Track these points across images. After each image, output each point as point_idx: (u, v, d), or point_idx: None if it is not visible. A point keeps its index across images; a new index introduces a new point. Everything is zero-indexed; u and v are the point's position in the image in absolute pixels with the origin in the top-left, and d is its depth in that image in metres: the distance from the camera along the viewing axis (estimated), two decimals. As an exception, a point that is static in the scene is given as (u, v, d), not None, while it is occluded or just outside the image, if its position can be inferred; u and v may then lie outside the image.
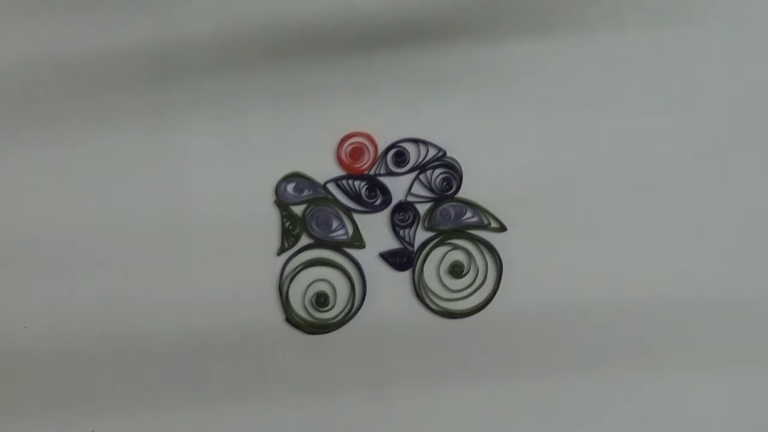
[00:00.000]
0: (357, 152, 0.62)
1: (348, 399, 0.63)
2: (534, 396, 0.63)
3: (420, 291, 0.62)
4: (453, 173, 0.62)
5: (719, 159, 0.62)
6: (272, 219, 0.62)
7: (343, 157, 0.62)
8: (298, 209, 0.62)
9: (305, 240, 0.63)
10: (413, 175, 0.62)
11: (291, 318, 0.62)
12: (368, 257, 0.63)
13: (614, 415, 0.64)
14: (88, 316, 0.62)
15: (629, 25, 0.61)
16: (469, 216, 0.62)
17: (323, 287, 0.63)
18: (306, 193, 0.62)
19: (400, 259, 0.63)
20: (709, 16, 0.61)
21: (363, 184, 0.62)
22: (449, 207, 0.62)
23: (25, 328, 0.63)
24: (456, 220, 0.63)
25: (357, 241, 0.62)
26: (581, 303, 0.62)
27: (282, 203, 0.62)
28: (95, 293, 0.62)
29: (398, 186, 0.63)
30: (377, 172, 0.62)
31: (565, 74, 0.61)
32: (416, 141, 0.62)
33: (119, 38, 0.61)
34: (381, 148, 0.62)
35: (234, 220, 0.62)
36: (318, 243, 0.63)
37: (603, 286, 0.62)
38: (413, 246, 0.63)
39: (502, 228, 0.62)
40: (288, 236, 0.62)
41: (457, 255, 0.63)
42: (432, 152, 0.62)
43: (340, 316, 0.63)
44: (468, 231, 0.63)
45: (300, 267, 0.63)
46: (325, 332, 0.63)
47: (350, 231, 0.63)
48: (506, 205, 0.62)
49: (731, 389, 0.63)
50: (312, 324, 0.63)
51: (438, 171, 0.62)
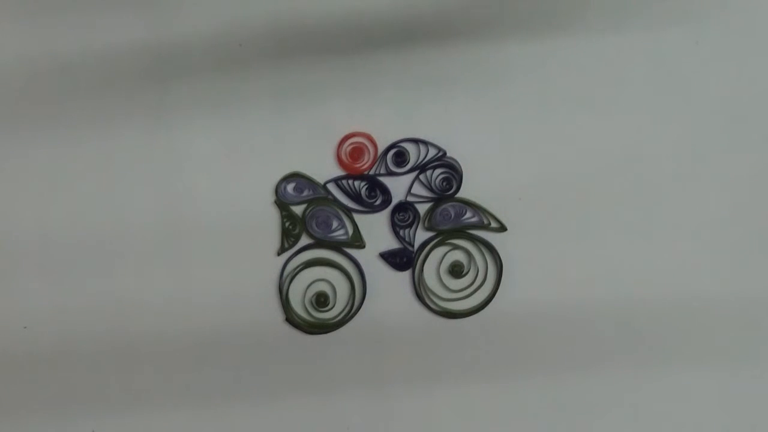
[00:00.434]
0: (357, 152, 0.62)
1: (348, 399, 0.63)
2: (534, 396, 0.63)
3: (420, 291, 0.62)
4: (453, 173, 0.62)
5: (719, 159, 0.62)
6: (272, 219, 0.62)
7: (343, 157, 0.62)
8: (298, 209, 0.62)
9: (305, 240, 0.63)
10: (413, 175, 0.62)
11: (291, 318, 0.62)
12: (368, 257, 0.63)
13: (614, 415, 0.64)
14: (88, 316, 0.62)
15: (629, 26, 0.61)
16: (469, 216, 0.62)
17: (323, 287, 0.63)
18: (306, 193, 0.62)
19: (400, 259, 0.63)
20: (709, 17, 0.61)
21: (363, 184, 0.62)
22: (449, 207, 0.62)
23: (25, 328, 0.63)
24: (456, 220, 0.63)
25: (357, 241, 0.62)
26: (581, 303, 0.62)
27: (282, 203, 0.62)
28: (95, 293, 0.62)
29: (398, 186, 0.63)
30: (377, 172, 0.62)
31: (565, 74, 0.61)
32: (416, 141, 0.62)
33: (119, 38, 0.61)
34: (381, 148, 0.62)
35: (234, 220, 0.62)
36: (318, 243, 0.63)
37: (603, 286, 0.62)
38: (413, 246, 0.63)
39: (502, 228, 0.62)
40: (288, 236, 0.62)
41: (457, 255, 0.63)
42: (432, 152, 0.62)
43: (340, 316, 0.63)
44: (468, 231, 0.63)
45: (300, 267, 0.63)
46: (325, 332, 0.63)
47: (350, 231, 0.63)
48: (506, 205, 0.62)
49: (731, 389, 0.63)
50: (312, 324, 0.63)
51: (438, 171, 0.62)
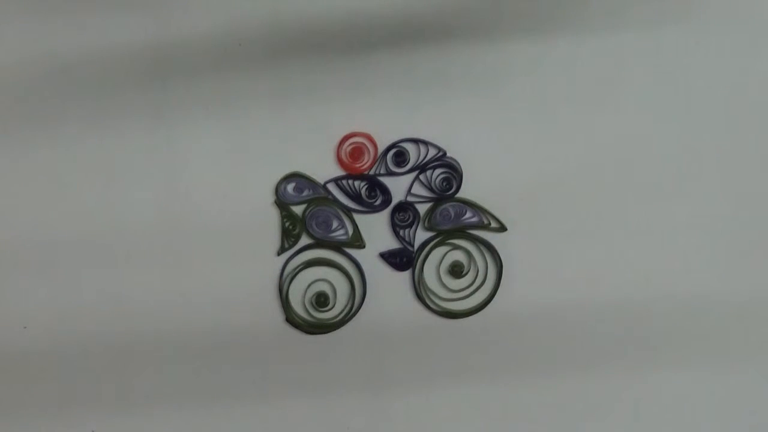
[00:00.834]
0: (357, 152, 0.62)
1: (348, 399, 0.63)
2: (534, 396, 0.63)
3: (420, 291, 0.62)
4: (453, 173, 0.62)
5: (719, 159, 0.62)
6: (272, 219, 0.62)
7: (343, 157, 0.62)
8: (298, 209, 0.62)
9: (305, 240, 0.63)
10: (413, 175, 0.62)
11: (291, 318, 0.62)
12: (368, 257, 0.63)
13: (614, 415, 0.63)
14: (88, 316, 0.62)
15: (629, 25, 0.61)
16: (469, 216, 0.62)
17: (323, 287, 0.63)
18: (306, 193, 0.62)
19: (400, 259, 0.63)
20: (709, 16, 0.61)
21: (363, 184, 0.62)
22: (449, 207, 0.62)
23: (25, 328, 0.63)
24: (456, 220, 0.63)
25: (357, 241, 0.62)
26: (581, 303, 0.62)
27: (282, 203, 0.62)
28: (95, 293, 0.62)
29: (398, 186, 0.63)
30: (377, 172, 0.62)
31: (565, 74, 0.61)
32: (416, 141, 0.62)
33: (119, 38, 0.61)
34: (381, 148, 0.62)
35: (234, 220, 0.62)
36: (318, 243, 0.63)
37: (603, 286, 0.62)
38: (413, 246, 0.63)
39: (502, 228, 0.62)
40: (288, 236, 0.62)
41: (457, 255, 0.63)
42: (432, 152, 0.62)
43: (340, 316, 0.63)
44: (468, 231, 0.63)
45: (300, 267, 0.63)
46: (325, 332, 0.63)
47: (350, 231, 0.63)
48: (506, 205, 0.62)
49: (731, 389, 0.63)
50: (312, 324, 0.63)
51: (438, 171, 0.62)
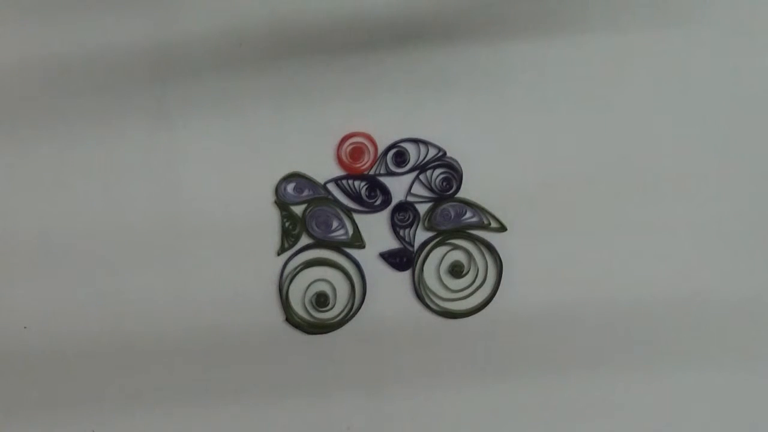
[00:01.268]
0: (357, 152, 0.62)
1: (348, 399, 0.63)
2: (534, 396, 0.63)
3: (420, 291, 0.62)
4: (453, 173, 0.62)
5: (719, 159, 0.62)
6: (272, 219, 0.62)
7: (343, 157, 0.62)
8: (298, 209, 0.62)
9: (305, 240, 0.63)
10: (413, 175, 0.62)
11: (291, 318, 0.62)
12: (368, 257, 0.63)
13: (614, 415, 0.63)
14: (88, 316, 0.62)
15: (629, 25, 0.61)
16: (469, 216, 0.62)
17: (323, 287, 0.63)
18: (306, 193, 0.62)
19: (400, 259, 0.63)
20: (709, 16, 0.61)
21: (363, 184, 0.62)
22: (449, 207, 0.62)
23: (25, 328, 0.63)
24: (456, 220, 0.63)
25: (357, 241, 0.62)
26: (581, 303, 0.62)
27: (282, 203, 0.62)
28: (95, 293, 0.62)
29: (398, 186, 0.63)
30: (377, 172, 0.62)
31: (565, 74, 0.61)
32: (416, 141, 0.62)
33: (119, 38, 0.61)
34: (381, 148, 0.62)
35: (234, 220, 0.62)
36: (318, 243, 0.63)
37: (603, 286, 0.62)
38: (413, 246, 0.63)
39: (502, 228, 0.62)
40: (288, 236, 0.62)
41: (457, 255, 0.63)
42: (432, 152, 0.62)
43: (340, 316, 0.63)
44: (468, 231, 0.63)
45: (300, 267, 0.63)
46: (325, 332, 0.63)
47: (350, 231, 0.63)
48: (506, 205, 0.62)
49: (732, 389, 0.63)
50: (312, 324, 0.63)
51: (438, 171, 0.62)
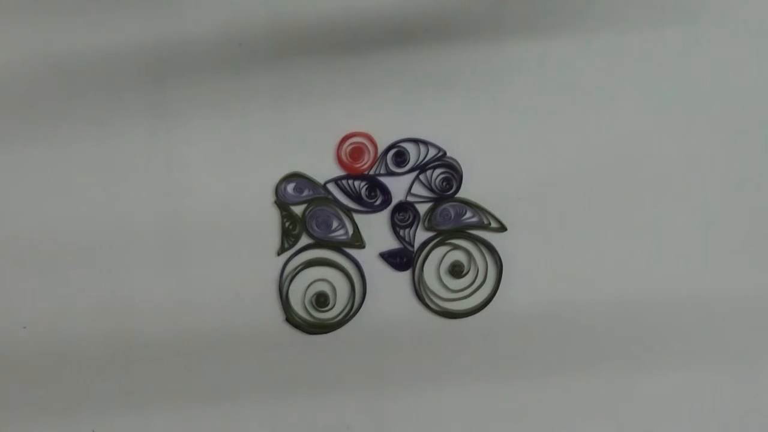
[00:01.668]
0: (357, 152, 0.62)
1: (348, 399, 0.63)
2: (534, 396, 0.63)
3: (420, 291, 0.62)
4: (453, 173, 0.62)
5: (719, 159, 0.62)
6: (272, 219, 0.62)
7: (343, 157, 0.62)
8: (298, 209, 0.62)
9: (305, 240, 0.63)
10: (413, 175, 0.62)
11: (291, 318, 0.62)
12: (368, 257, 0.63)
13: (614, 415, 0.63)
14: (88, 316, 0.62)
15: (629, 26, 0.61)
16: (469, 216, 0.62)
17: (323, 287, 0.63)
18: (306, 193, 0.62)
19: (400, 259, 0.63)
20: (709, 16, 0.61)
21: (363, 184, 0.62)
22: (449, 207, 0.62)
23: (25, 328, 0.63)
24: (456, 220, 0.63)
25: (357, 241, 0.62)
26: (581, 303, 0.62)
27: (282, 203, 0.62)
28: (95, 293, 0.62)
29: (398, 186, 0.63)
30: (377, 172, 0.62)
31: (565, 74, 0.61)
32: (416, 141, 0.62)
33: (119, 38, 0.61)
34: (381, 148, 0.62)
35: (234, 220, 0.62)
36: (318, 243, 0.63)
37: (603, 286, 0.62)
38: (413, 246, 0.63)
39: (502, 228, 0.62)
40: (288, 236, 0.62)
41: (457, 255, 0.63)
42: (432, 152, 0.62)
43: (340, 316, 0.63)
44: (468, 231, 0.63)
45: (300, 267, 0.63)
46: (325, 332, 0.63)
47: (350, 231, 0.63)
48: (506, 205, 0.62)
49: (731, 389, 0.63)
50: (312, 324, 0.63)
51: (438, 171, 0.62)
